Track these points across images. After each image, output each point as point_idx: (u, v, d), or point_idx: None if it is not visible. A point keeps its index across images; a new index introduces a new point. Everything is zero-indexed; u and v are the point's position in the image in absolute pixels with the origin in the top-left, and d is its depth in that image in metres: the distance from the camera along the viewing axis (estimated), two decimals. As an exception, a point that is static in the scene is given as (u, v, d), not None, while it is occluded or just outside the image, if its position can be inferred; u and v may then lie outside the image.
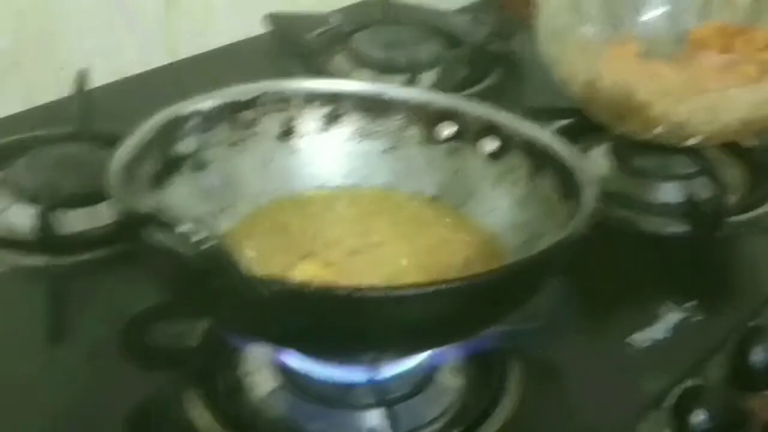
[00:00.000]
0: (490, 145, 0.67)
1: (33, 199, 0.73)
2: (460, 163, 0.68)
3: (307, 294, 0.49)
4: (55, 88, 0.91)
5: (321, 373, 0.59)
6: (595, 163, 0.85)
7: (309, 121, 0.69)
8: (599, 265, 0.74)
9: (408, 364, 0.59)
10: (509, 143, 0.66)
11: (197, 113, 0.65)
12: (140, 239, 0.48)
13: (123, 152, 0.58)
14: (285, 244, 0.64)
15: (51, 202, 0.71)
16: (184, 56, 1.03)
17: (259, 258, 0.61)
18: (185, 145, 0.64)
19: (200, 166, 0.64)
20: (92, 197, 0.74)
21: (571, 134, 0.84)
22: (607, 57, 0.78)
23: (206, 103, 0.65)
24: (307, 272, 0.60)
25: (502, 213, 0.66)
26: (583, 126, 0.87)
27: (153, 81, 0.98)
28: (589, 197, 0.58)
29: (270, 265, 0.60)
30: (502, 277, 0.52)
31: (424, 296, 0.49)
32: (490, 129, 0.67)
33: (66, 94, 0.87)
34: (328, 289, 0.50)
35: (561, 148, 0.64)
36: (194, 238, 0.46)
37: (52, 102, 0.91)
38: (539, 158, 0.65)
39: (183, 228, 0.46)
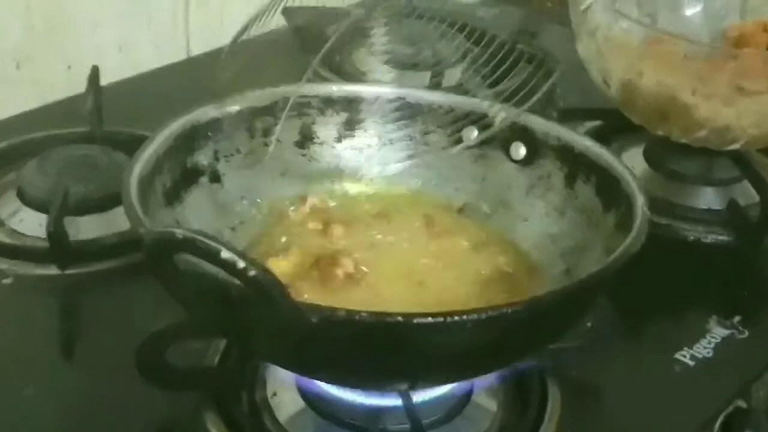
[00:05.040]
0: (521, 150, 0.65)
1: (44, 203, 0.71)
2: (489, 169, 0.66)
3: (357, 321, 0.46)
4: (67, 85, 0.89)
5: (350, 396, 0.56)
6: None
7: (328, 127, 0.67)
8: (638, 276, 0.70)
9: (443, 388, 0.57)
10: (541, 148, 0.64)
11: (214, 121, 0.62)
12: (171, 265, 0.45)
13: (139, 166, 0.56)
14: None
15: (63, 207, 0.69)
16: (199, 52, 1.01)
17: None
18: (202, 156, 0.62)
19: (217, 177, 0.62)
20: (107, 202, 0.72)
21: (603, 136, 0.82)
22: (649, 56, 0.74)
23: (222, 110, 0.63)
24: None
25: (536, 222, 0.64)
26: (616, 127, 0.85)
27: (168, 77, 0.97)
28: (641, 209, 0.55)
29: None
30: (559, 299, 0.50)
31: (479, 322, 0.47)
32: (519, 133, 0.65)
33: (79, 92, 0.84)
34: (379, 315, 0.47)
35: (601, 153, 0.62)
36: (240, 265, 0.43)
37: (64, 99, 0.89)
38: (576, 164, 0.62)
39: (227, 254, 0.43)
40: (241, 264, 0.43)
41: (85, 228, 0.71)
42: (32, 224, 0.71)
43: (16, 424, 0.57)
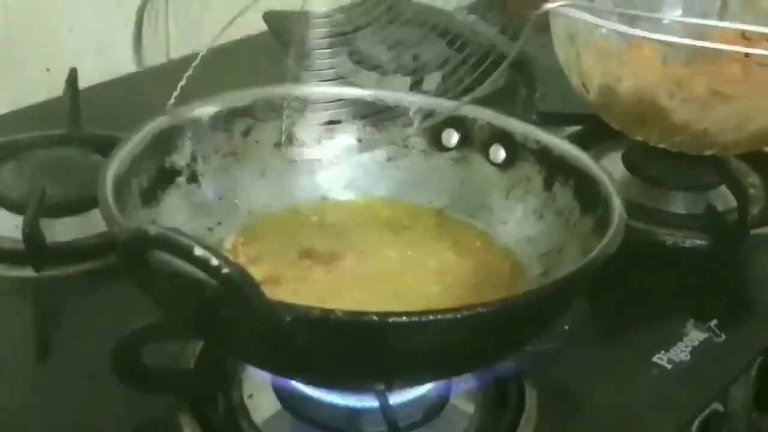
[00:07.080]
0: (500, 153, 0.65)
1: (21, 205, 0.70)
2: (468, 172, 0.66)
3: (331, 320, 0.45)
4: (44, 87, 0.88)
5: (327, 397, 0.56)
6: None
7: (307, 129, 0.66)
8: (615, 280, 0.70)
9: (420, 390, 0.56)
10: (520, 151, 0.64)
11: (192, 122, 0.62)
12: (144, 263, 0.45)
13: (115, 165, 0.55)
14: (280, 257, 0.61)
15: (39, 209, 0.68)
16: (179, 55, 0.99)
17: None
18: (179, 156, 0.61)
19: (195, 178, 0.62)
20: (83, 204, 0.71)
21: (582, 141, 0.82)
22: (628, 60, 0.74)
23: (201, 111, 0.63)
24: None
25: (515, 225, 0.64)
26: (595, 132, 0.85)
27: (147, 80, 0.94)
28: (617, 210, 0.55)
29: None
30: (535, 299, 0.50)
31: (454, 322, 0.46)
32: (499, 136, 0.65)
33: (56, 94, 0.84)
34: (354, 314, 0.46)
35: (580, 156, 0.62)
36: (213, 263, 0.42)
37: (41, 102, 0.89)
38: (555, 167, 0.63)
39: (200, 251, 0.42)
40: (214, 261, 0.42)
41: (61, 230, 0.70)
42: (8, 226, 0.70)
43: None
